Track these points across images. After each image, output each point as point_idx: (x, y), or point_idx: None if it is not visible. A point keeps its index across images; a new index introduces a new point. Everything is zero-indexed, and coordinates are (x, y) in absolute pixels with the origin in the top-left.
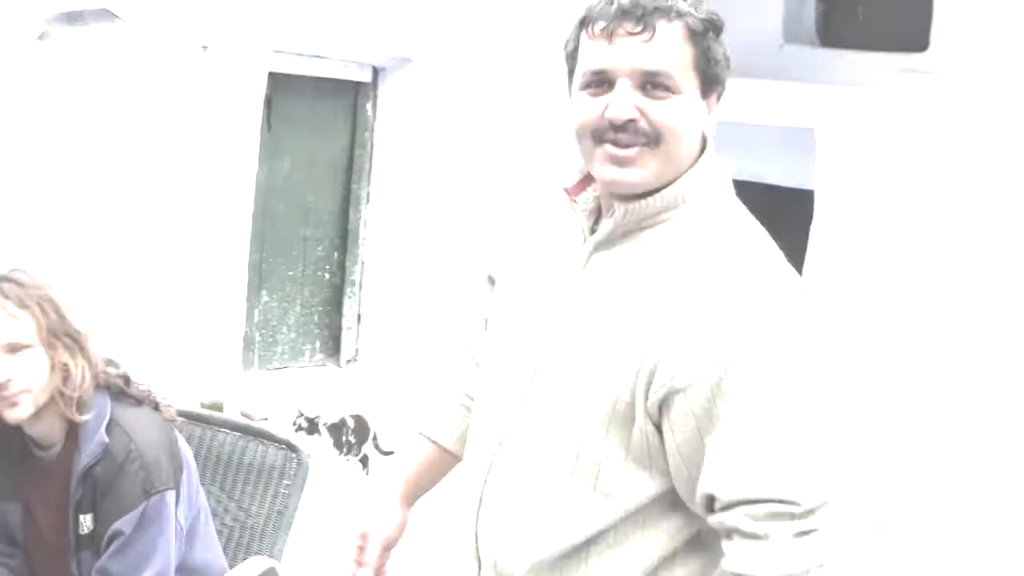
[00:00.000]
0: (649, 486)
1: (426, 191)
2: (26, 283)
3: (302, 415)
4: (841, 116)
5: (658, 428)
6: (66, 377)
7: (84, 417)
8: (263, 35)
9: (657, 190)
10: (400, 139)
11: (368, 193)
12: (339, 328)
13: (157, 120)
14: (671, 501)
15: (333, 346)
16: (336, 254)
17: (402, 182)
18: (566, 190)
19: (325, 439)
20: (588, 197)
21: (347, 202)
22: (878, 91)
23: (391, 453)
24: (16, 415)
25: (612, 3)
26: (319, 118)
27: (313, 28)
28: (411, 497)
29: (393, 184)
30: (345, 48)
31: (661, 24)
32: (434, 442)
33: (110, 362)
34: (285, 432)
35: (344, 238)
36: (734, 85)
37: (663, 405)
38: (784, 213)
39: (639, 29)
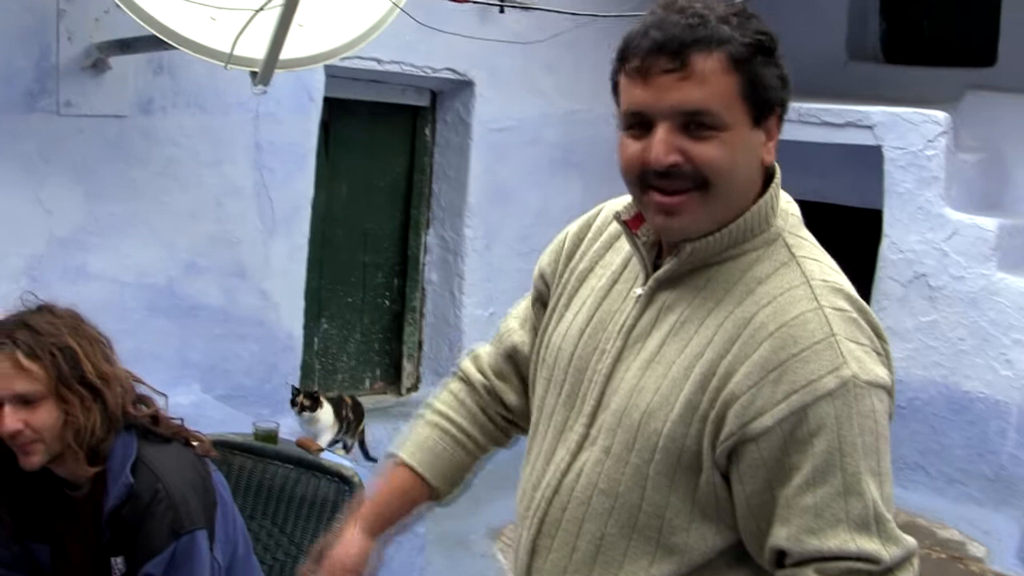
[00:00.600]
0: (716, 540)
1: (487, 216)
2: (43, 330)
3: (300, 391)
4: (907, 134)
5: (726, 479)
6: (77, 430)
7: (96, 469)
8: (320, 59)
9: (721, 226)
10: (459, 163)
11: (428, 218)
12: (399, 356)
13: (216, 145)
14: (737, 555)
15: (393, 374)
16: (396, 280)
17: (462, 207)
18: (627, 222)
19: (327, 410)
20: (649, 230)
21: (406, 228)
22: (945, 107)
23: (375, 460)
24: (31, 463)
25: (646, 35)
26: (377, 143)
27: (371, 51)
28: (376, 525)
29: (453, 209)
30: (403, 72)
31: (699, 58)
32: (411, 469)
33: (140, 399)
34: (338, 464)
35: (404, 264)
36: (798, 104)
37: (732, 455)
38: (851, 233)
39: (675, 66)
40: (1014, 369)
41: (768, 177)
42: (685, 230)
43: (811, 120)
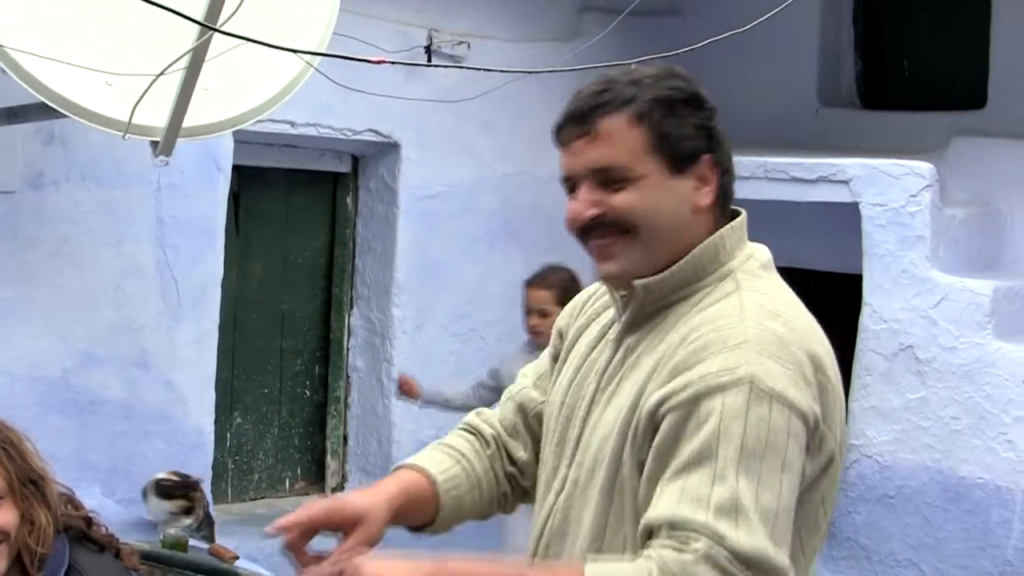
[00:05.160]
0: None
1: (417, 294)
2: None
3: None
4: (887, 188)
5: None
6: (34, 530)
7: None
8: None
9: (667, 266)
10: (386, 235)
11: (351, 298)
12: (322, 452)
13: (115, 221)
14: None
15: (316, 472)
16: (317, 368)
17: (389, 284)
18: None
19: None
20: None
21: (327, 308)
22: (930, 157)
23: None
24: None
25: (565, 110)
26: (293, 214)
27: (283, 114)
28: (395, 503)
29: (379, 287)
30: (320, 135)
31: (602, 121)
32: (422, 472)
33: (70, 501)
34: (255, 574)
35: (325, 349)
36: (763, 159)
37: (643, 457)
38: (827, 302)
39: (583, 131)
40: (1016, 450)
41: (719, 222)
42: (623, 272)
43: (779, 176)
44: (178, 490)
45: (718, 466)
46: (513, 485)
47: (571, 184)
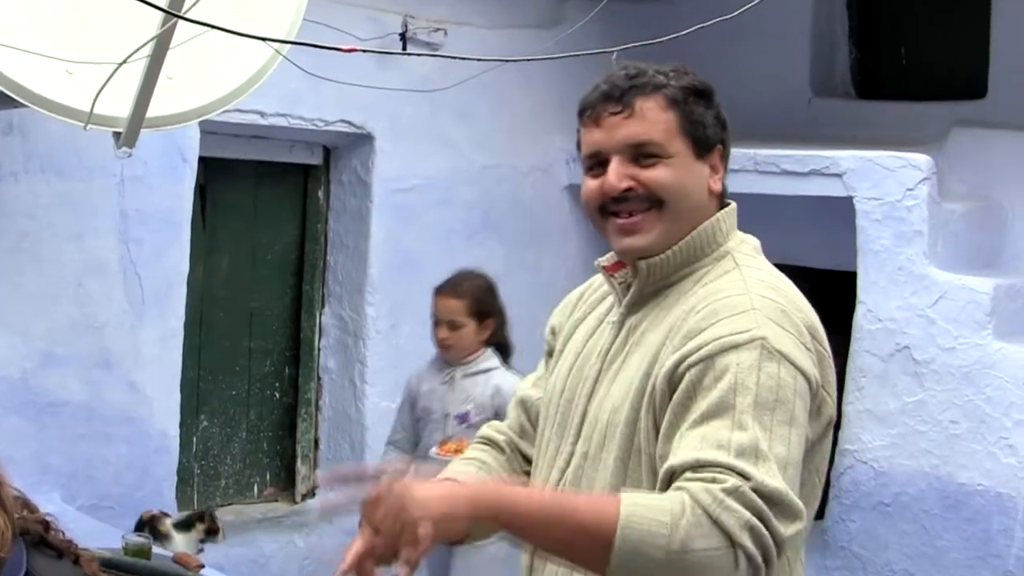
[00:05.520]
0: None
1: (392, 291)
2: None
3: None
4: (882, 182)
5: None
6: None
7: None
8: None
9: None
10: (359, 230)
11: (323, 295)
12: (292, 457)
13: (76, 215)
14: None
15: (286, 478)
16: (287, 369)
17: (362, 281)
18: (605, 267)
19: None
20: (625, 274)
21: (298, 307)
22: (928, 149)
23: None
24: None
25: (597, 89)
26: (262, 208)
27: (252, 104)
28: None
29: (352, 284)
30: (290, 126)
31: (639, 100)
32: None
33: (26, 504)
34: None
35: (296, 349)
36: (754, 151)
37: (660, 419)
38: (819, 300)
39: (619, 108)
40: (1018, 456)
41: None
42: (644, 248)
43: (769, 169)
44: (194, 516)
45: (736, 415)
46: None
47: (596, 160)
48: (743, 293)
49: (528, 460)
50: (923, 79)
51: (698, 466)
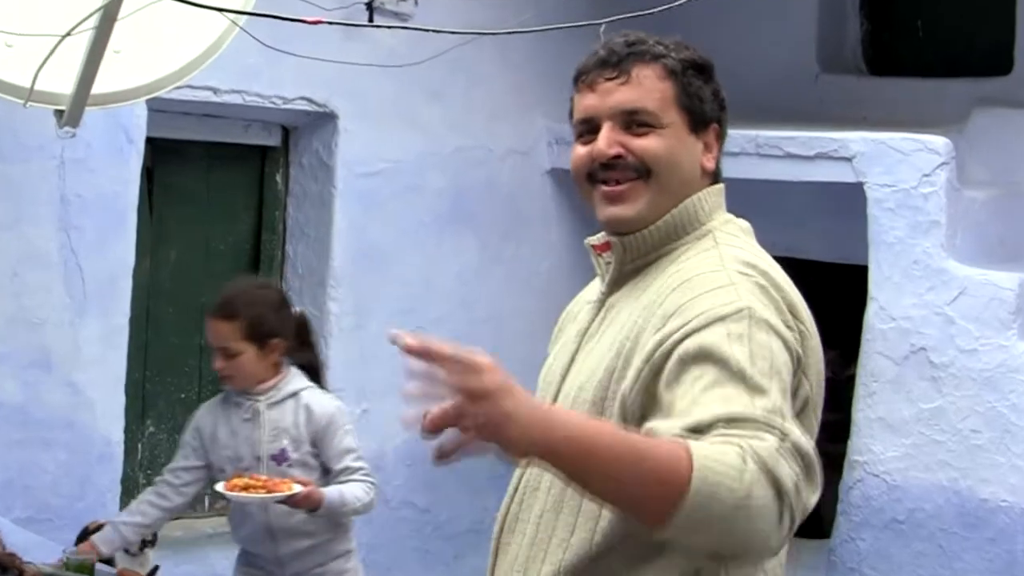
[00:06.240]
0: None
1: (356, 285)
2: None
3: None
4: (896, 166)
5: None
6: None
7: None
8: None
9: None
10: (320, 218)
11: (281, 289)
12: None
13: (12, 200)
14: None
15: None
16: None
17: (325, 274)
18: (594, 247)
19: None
20: (611, 254)
21: None
22: (947, 131)
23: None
24: None
25: (595, 55)
26: (215, 194)
27: (204, 79)
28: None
29: (313, 277)
30: (246, 103)
31: (637, 67)
32: None
33: None
34: None
35: None
36: (755, 132)
37: (640, 397)
38: (827, 297)
39: (615, 74)
40: None
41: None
42: (630, 218)
43: (772, 152)
44: None
45: (749, 380)
46: None
47: (587, 127)
48: (719, 269)
49: None
50: (941, 54)
51: (731, 421)
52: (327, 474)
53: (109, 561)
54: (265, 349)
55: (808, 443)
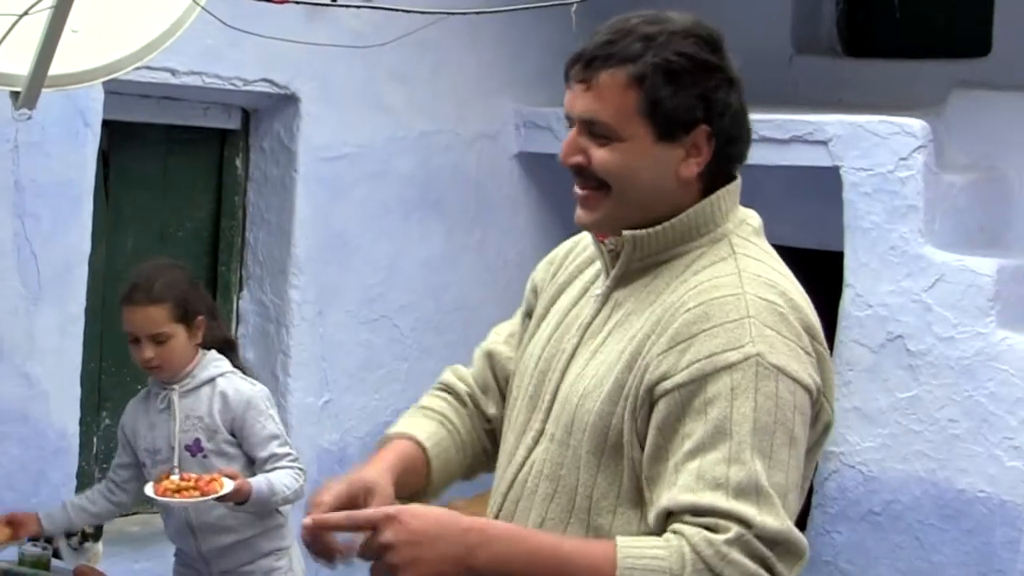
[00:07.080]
0: (641, 526)
1: (319, 273)
2: None
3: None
4: (873, 150)
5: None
6: None
7: None
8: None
9: (652, 224)
10: (282, 204)
11: (241, 277)
12: None
13: None
14: None
15: None
16: None
17: (286, 262)
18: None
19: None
20: (614, 241)
21: (213, 290)
22: (925, 113)
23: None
24: None
25: (588, 42)
26: (173, 179)
27: (162, 61)
28: (396, 474)
29: (274, 264)
30: (206, 85)
31: (603, 73)
32: (413, 440)
33: None
34: None
35: None
36: None
37: (641, 421)
38: (803, 285)
39: (584, 76)
40: None
41: (714, 187)
42: (595, 224)
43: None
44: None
45: (733, 446)
46: (492, 441)
47: (569, 121)
48: (738, 294)
49: (487, 419)
50: (919, 35)
51: (696, 512)
52: (252, 463)
53: (56, 555)
54: (192, 329)
55: (782, 521)
